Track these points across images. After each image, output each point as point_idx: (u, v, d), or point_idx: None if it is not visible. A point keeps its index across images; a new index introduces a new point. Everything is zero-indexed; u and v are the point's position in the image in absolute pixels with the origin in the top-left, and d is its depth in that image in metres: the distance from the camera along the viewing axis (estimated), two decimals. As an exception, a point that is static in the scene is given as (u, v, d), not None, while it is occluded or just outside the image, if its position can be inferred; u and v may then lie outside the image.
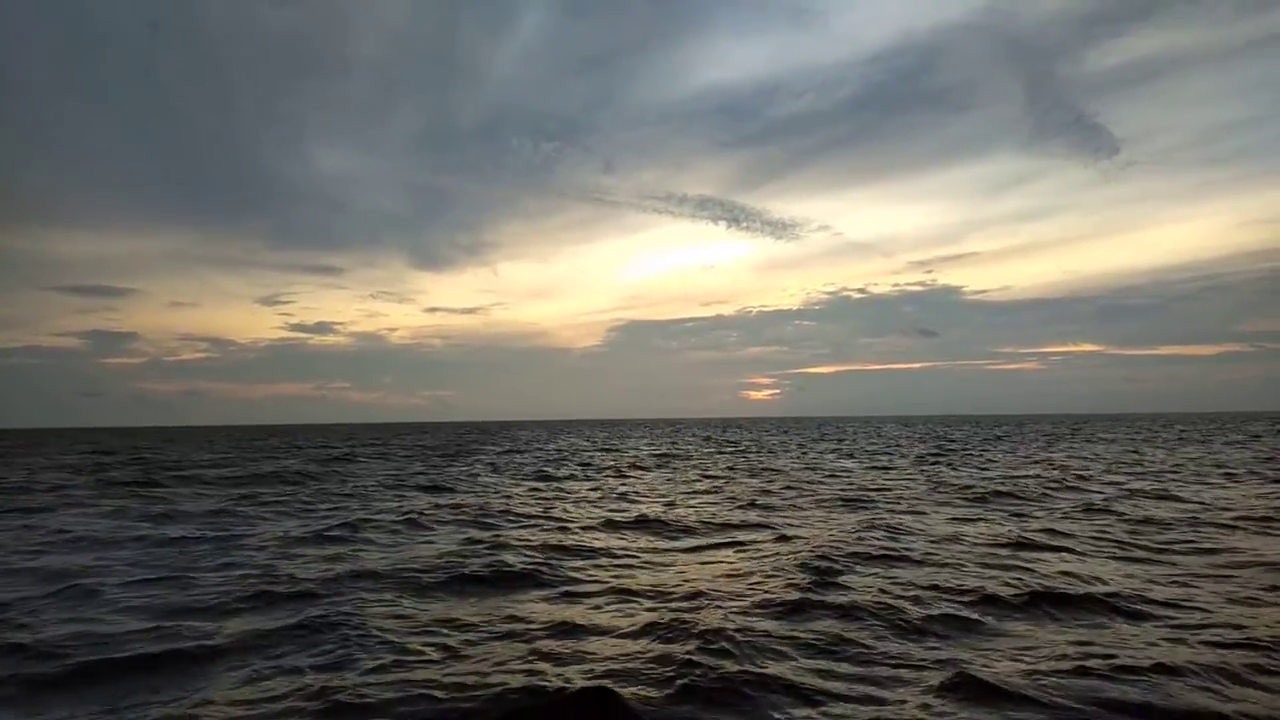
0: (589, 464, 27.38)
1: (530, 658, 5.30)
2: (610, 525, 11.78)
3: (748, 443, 45.71)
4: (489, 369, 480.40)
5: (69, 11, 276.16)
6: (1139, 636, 5.63)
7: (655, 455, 32.76)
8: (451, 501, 15.30)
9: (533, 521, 12.27)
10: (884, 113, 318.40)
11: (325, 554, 9.49)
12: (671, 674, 4.77)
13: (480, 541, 10.15)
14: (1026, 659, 5.15)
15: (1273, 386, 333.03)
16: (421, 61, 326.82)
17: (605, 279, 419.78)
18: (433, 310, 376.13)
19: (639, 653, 5.32)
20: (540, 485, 19.15)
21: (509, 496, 16.39)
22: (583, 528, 11.51)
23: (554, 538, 10.46)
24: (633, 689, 4.54)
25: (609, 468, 25.34)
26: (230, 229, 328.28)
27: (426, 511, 13.34)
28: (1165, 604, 6.52)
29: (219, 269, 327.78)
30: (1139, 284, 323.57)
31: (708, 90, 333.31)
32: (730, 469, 23.92)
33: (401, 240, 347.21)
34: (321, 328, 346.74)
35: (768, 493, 16.11)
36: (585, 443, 49.64)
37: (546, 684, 4.63)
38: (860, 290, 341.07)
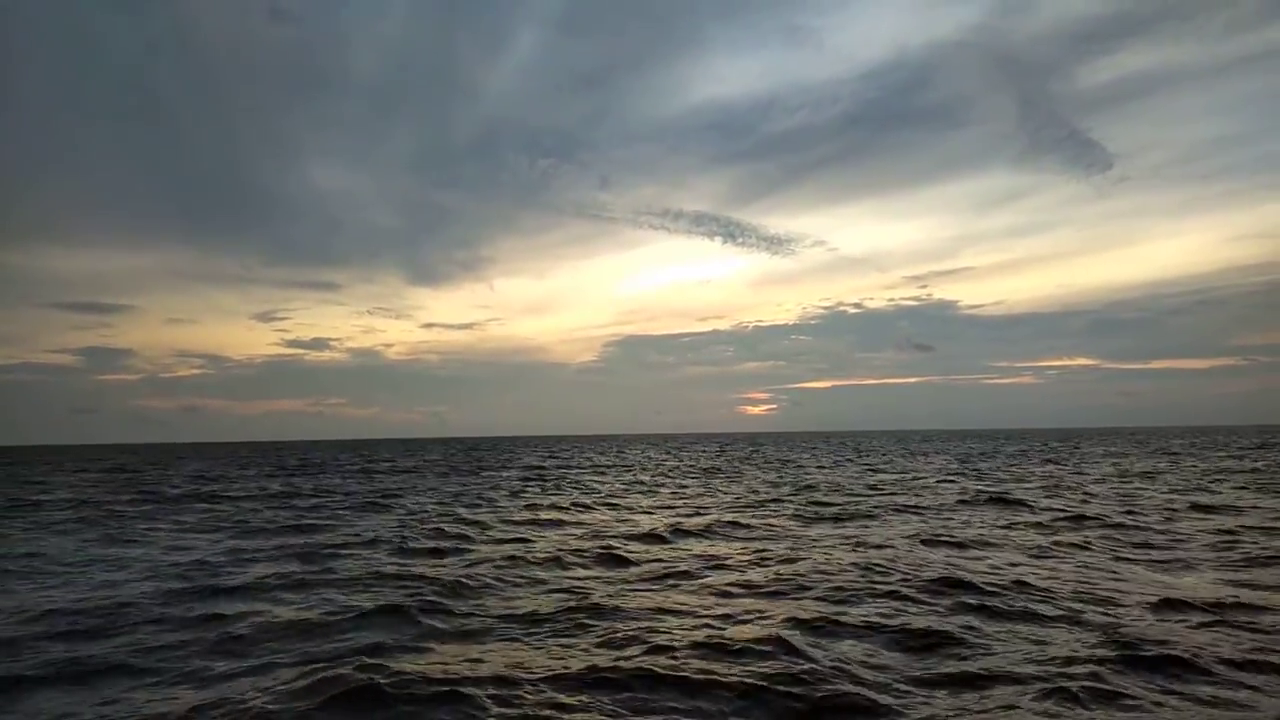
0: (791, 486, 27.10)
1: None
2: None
3: (804, 460, 43.05)
4: (485, 385, 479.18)
5: (67, 29, 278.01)
6: None
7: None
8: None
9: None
10: (878, 129, 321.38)
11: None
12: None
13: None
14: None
15: (1266, 400, 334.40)
16: (418, 79, 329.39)
17: (602, 294, 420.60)
18: (429, 326, 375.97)
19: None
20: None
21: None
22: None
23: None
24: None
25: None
26: (227, 245, 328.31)
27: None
28: None
29: (215, 285, 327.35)
30: (1132, 298, 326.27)
31: (703, 107, 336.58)
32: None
33: (398, 256, 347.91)
34: (318, 344, 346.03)
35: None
36: (650, 457, 49.93)
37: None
38: (856, 305, 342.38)
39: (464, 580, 9.27)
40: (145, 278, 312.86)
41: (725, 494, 21.54)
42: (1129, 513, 15.08)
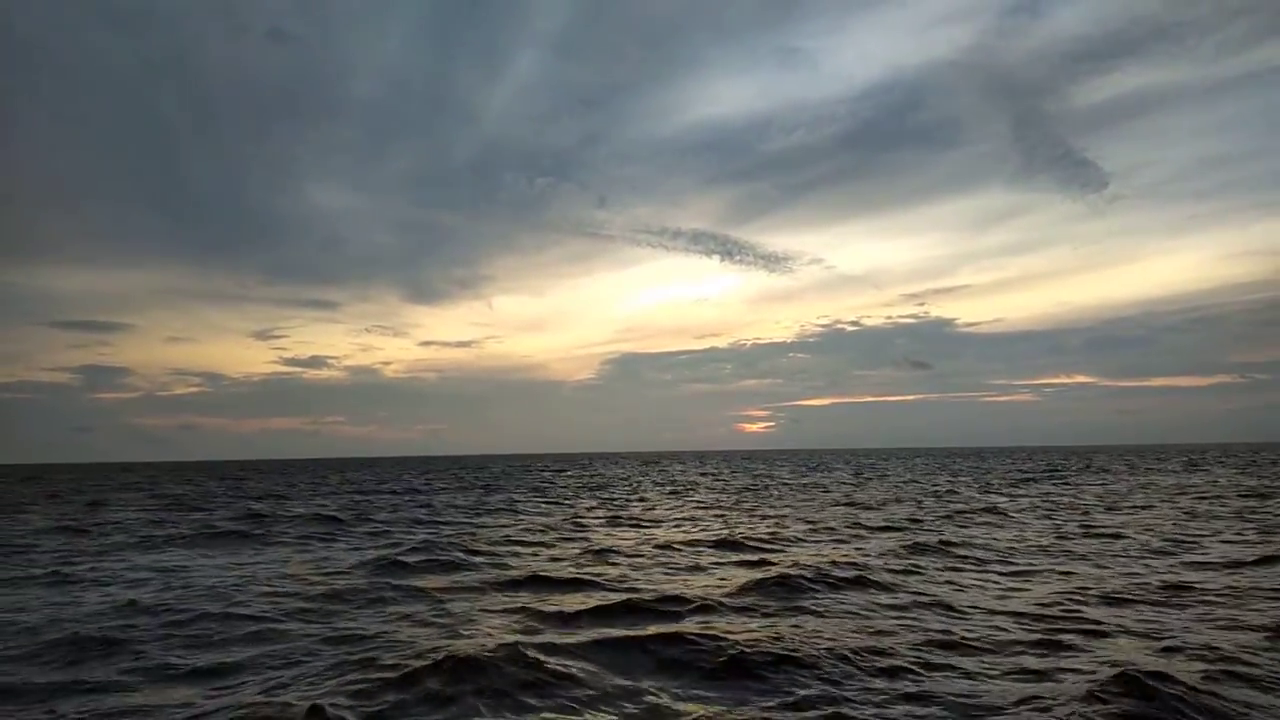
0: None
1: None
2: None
3: (844, 482, 42.44)
4: (482, 402, 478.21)
5: (67, 50, 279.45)
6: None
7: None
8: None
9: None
10: (874, 148, 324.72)
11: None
12: None
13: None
14: None
15: (1265, 417, 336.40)
16: (416, 100, 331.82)
17: (599, 312, 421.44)
18: (427, 344, 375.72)
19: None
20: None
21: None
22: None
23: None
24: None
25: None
26: (225, 264, 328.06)
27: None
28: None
29: (212, 304, 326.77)
30: (1129, 316, 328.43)
31: (699, 127, 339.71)
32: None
33: (396, 275, 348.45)
34: (315, 362, 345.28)
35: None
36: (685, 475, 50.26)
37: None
38: (853, 323, 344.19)
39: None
40: (143, 296, 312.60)
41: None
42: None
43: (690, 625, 8.02)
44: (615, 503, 27.15)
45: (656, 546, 14.51)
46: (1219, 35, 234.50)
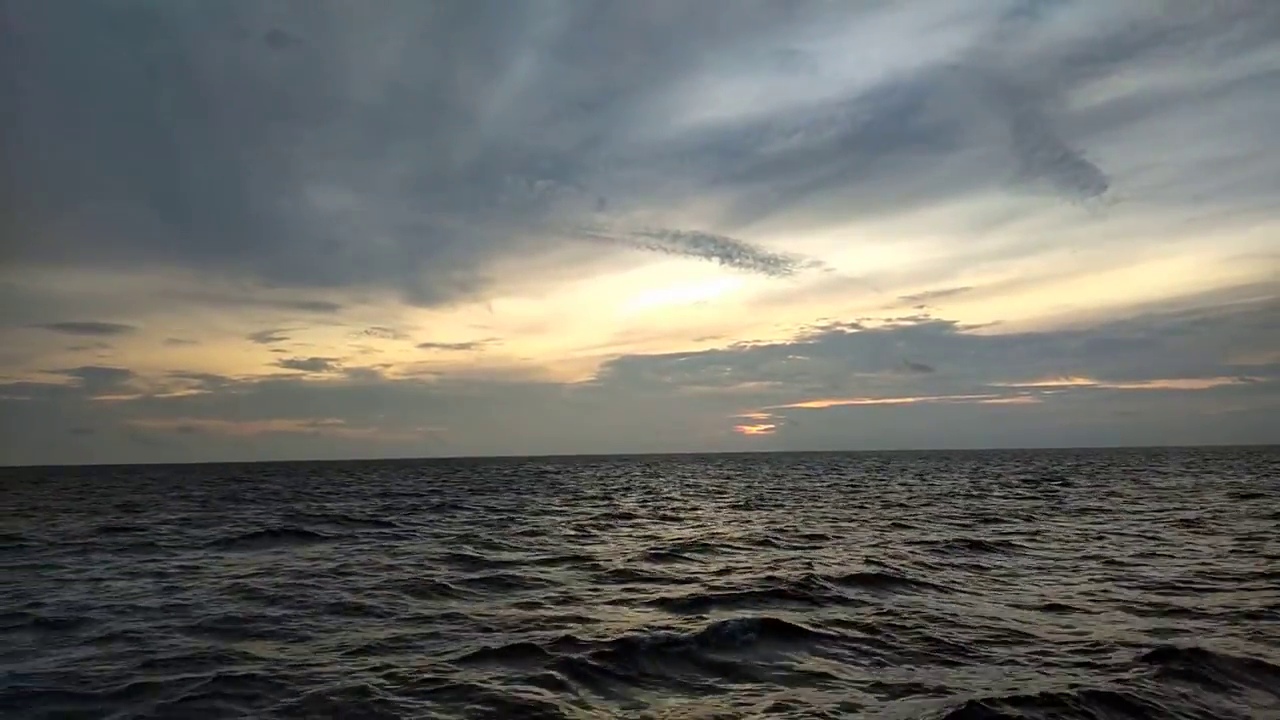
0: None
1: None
2: None
3: (871, 485, 40.41)
4: (482, 404, 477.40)
5: (66, 51, 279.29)
6: None
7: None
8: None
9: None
10: (873, 151, 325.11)
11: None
12: None
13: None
14: None
15: (1264, 420, 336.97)
16: (415, 102, 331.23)
17: (599, 315, 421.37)
18: (427, 346, 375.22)
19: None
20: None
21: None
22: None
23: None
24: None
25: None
26: (224, 266, 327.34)
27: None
28: None
29: (212, 306, 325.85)
30: (1129, 319, 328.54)
31: (699, 129, 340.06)
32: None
33: (396, 277, 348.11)
34: (315, 364, 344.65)
35: None
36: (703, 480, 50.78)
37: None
38: (853, 325, 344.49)
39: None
40: (142, 298, 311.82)
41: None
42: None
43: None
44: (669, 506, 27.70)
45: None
46: (1219, 38, 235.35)
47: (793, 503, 27.24)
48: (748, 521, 20.50)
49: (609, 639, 7.68)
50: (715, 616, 8.67)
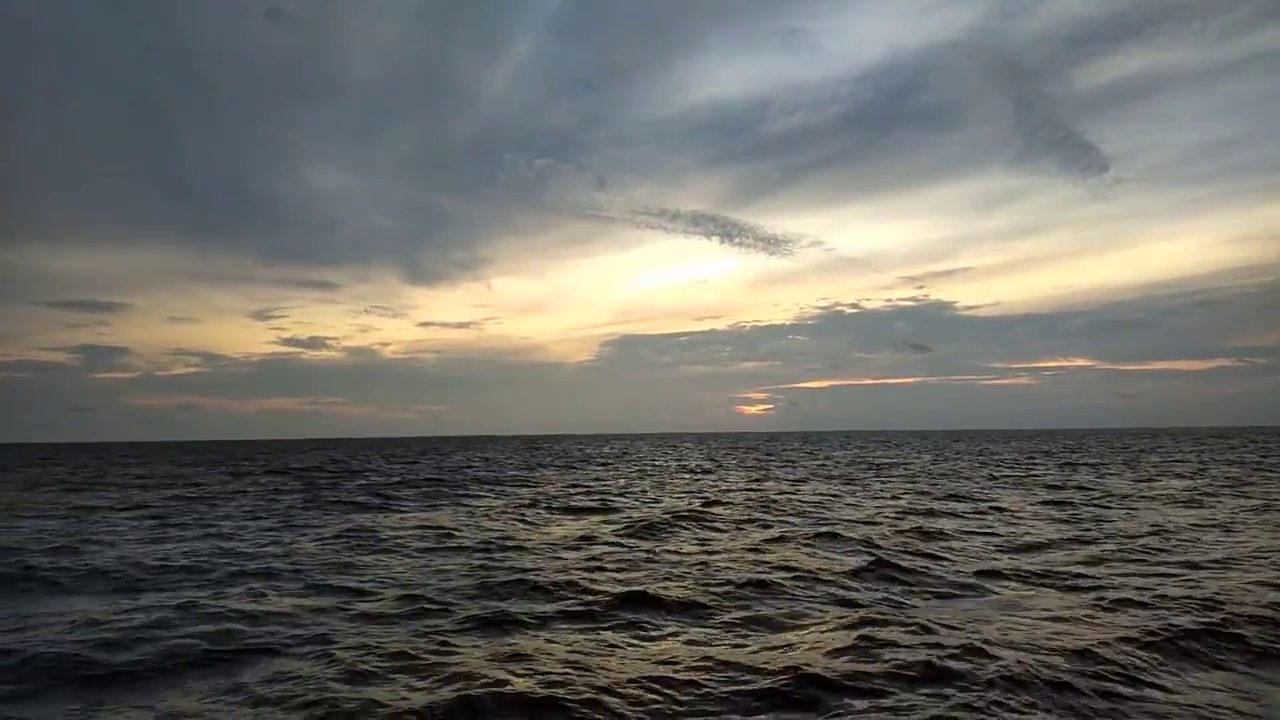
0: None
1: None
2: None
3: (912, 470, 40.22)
4: (482, 383, 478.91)
5: (62, 29, 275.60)
6: None
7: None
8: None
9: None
10: (875, 130, 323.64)
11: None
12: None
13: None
14: None
15: (1264, 401, 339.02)
16: (414, 81, 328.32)
17: (599, 294, 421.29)
18: (426, 325, 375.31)
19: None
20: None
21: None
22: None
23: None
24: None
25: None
26: (223, 244, 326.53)
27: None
28: None
29: (211, 284, 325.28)
30: (1130, 300, 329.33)
31: (699, 108, 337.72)
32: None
33: (395, 256, 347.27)
34: (314, 342, 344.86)
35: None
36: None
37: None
38: (853, 305, 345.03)
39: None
40: (141, 276, 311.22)
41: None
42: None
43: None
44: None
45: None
46: (1223, 18, 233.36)
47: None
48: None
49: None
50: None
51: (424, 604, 8.61)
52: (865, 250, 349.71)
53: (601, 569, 10.65)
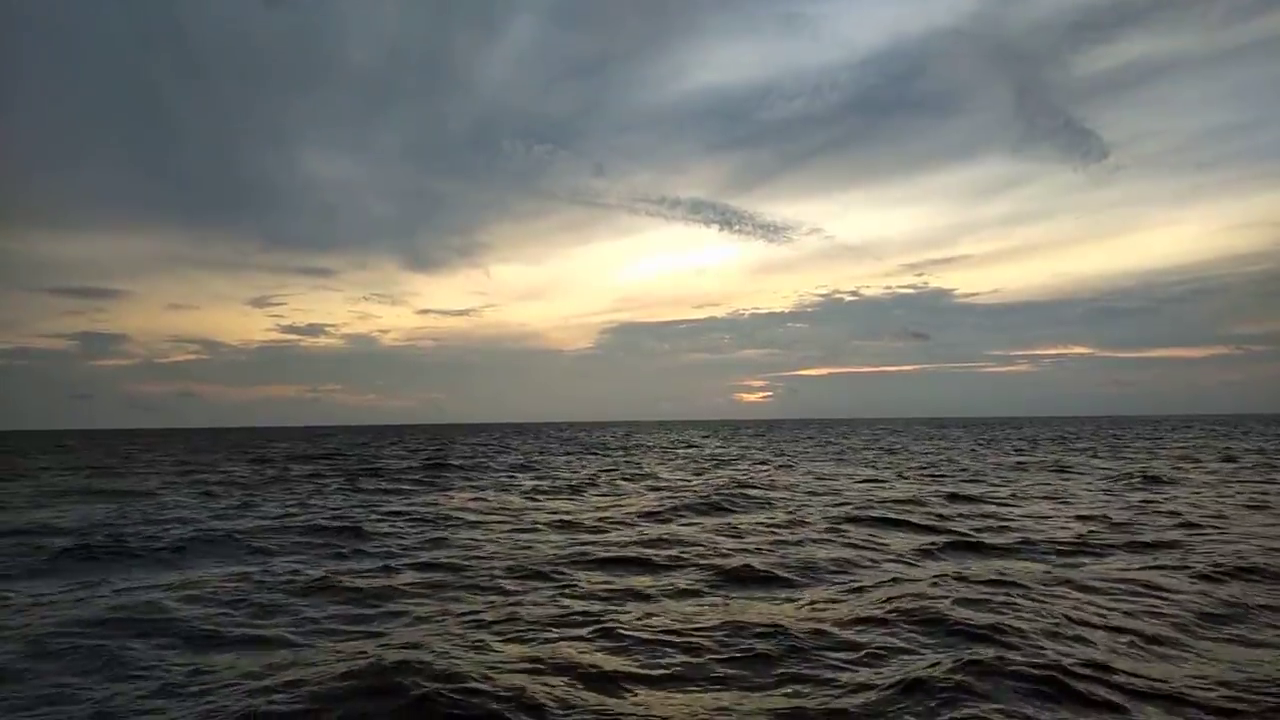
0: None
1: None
2: None
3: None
4: (481, 371, 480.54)
5: (59, 14, 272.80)
6: None
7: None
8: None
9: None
10: (875, 116, 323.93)
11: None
12: None
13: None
14: None
15: (1260, 389, 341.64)
16: (412, 66, 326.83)
17: (598, 281, 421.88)
18: (425, 312, 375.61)
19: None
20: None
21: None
22: None
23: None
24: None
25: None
26: (222, 231, 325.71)
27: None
28: None
29: (210, 271, 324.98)
30: (1128, 287, 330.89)
31: (699, 94, 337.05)
32: None
33: (393, 243, 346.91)
34: (313, 330, 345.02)
35: None
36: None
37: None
38: (852, 293, 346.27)
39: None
40: (140, 263, 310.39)
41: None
42: None
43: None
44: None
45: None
46: (1225, 3, 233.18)
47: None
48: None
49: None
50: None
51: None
52: (865, 237, 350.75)
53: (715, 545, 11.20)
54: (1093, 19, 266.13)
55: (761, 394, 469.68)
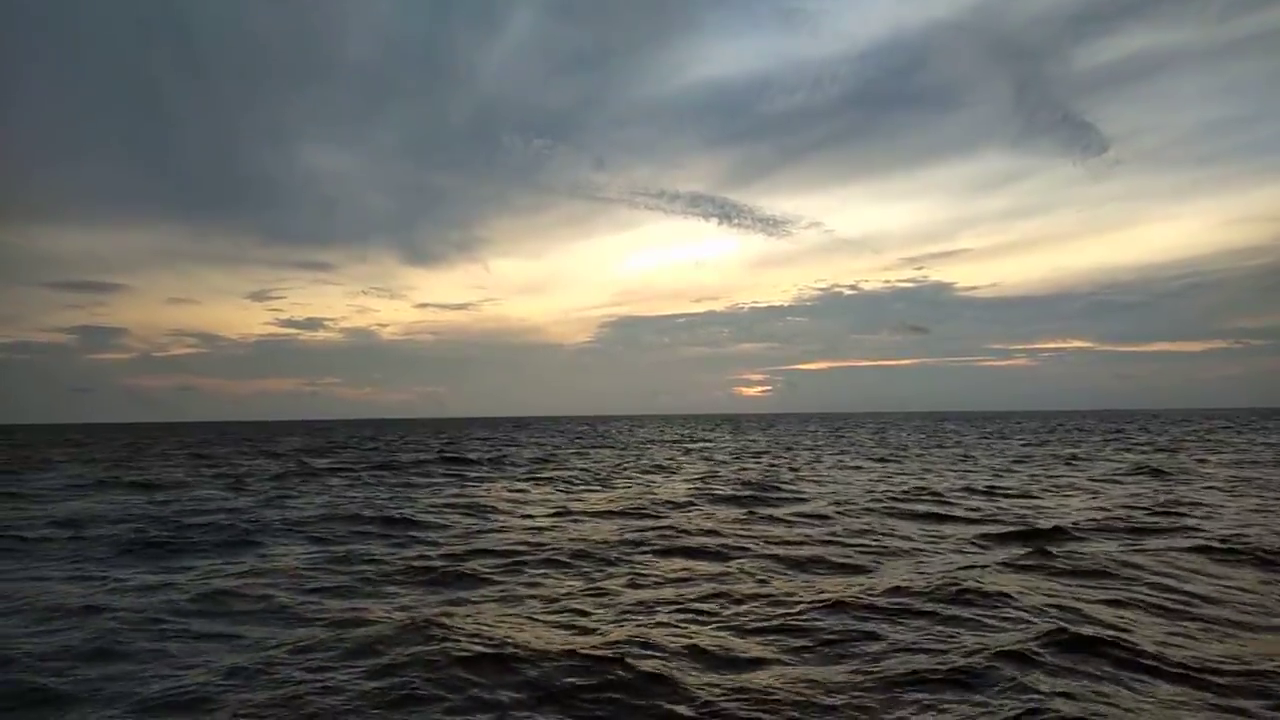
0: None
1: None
2: None
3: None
4: (480, 365, 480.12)
5: (58, 7, 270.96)
6: None
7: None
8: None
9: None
10: (875, 110, 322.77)
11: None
12: None
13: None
14: None
15: (1257, 383, 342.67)
16: (411, 60, 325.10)
17: (597, 275, 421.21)
18: (424, 306, 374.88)
19: None
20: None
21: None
22: None
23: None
24: None
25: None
26: (220, 225, 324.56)
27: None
28: None
29: (209, 265, 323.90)
30: (1127, 281, 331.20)
31: (698, 87, 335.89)
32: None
33: (392, 236, 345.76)
34: (312, 323, 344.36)
35: None
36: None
37: None
38: (851, 287, 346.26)
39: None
40: (139, 257, 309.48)
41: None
42: None
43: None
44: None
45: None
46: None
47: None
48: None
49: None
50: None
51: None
52: (864, 231, 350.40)
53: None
54: (1092, 12, 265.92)
55: (760, 388, 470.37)
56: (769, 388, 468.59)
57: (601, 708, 4.69)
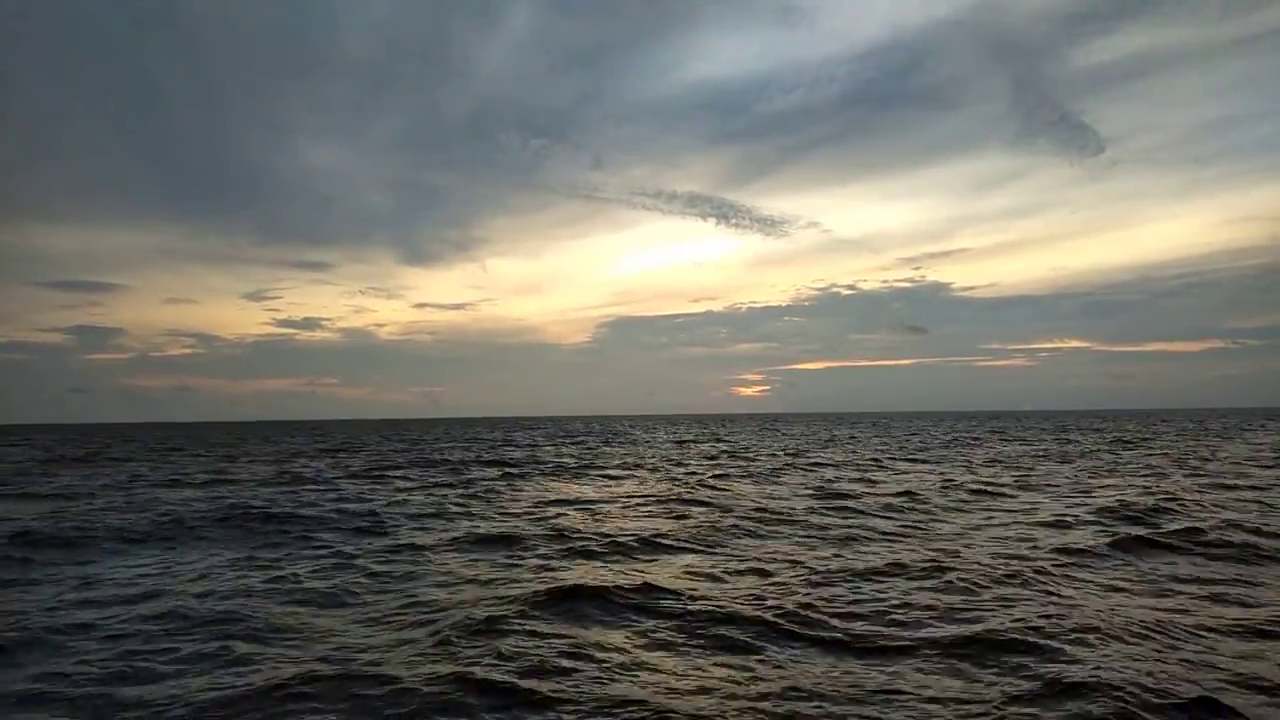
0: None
1: None
2: None
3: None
4: (478, 365, 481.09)
5: (55, 7, 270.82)
6: None
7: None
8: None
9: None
10: (873, 110, 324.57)
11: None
12: None
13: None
14: None
15: (1255, 383, 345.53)
16: (410, 58, 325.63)
17: (595, 275, 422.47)
18: (421, 306, 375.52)
19: None
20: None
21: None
22: None
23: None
24: None
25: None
26: (217, 225, 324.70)
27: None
28: None
29: (206, 264, 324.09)
30: (1125, 281, 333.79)
31: (697, 87, 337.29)
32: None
33: (390, 236, 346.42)
34: (309, 323, 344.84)
35: None
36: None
37: None
38: (849, 287, 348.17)
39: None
40: (135, 257, 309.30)
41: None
42: None
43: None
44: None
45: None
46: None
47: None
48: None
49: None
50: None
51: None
52: (862, 231, 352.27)
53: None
54: (1090, 11, 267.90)
55: (758, 388, 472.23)
56: (767, 388, 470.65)
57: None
